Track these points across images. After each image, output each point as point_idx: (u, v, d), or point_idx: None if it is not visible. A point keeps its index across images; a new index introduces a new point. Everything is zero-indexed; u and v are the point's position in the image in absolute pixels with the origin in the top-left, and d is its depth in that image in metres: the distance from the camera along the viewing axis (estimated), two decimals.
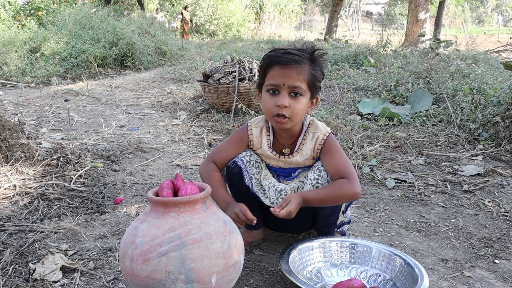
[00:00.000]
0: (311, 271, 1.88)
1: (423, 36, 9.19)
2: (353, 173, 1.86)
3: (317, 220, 2.07)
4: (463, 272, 1.98)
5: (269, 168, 2.06)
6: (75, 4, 13.85)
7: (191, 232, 1.43)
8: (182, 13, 20.63)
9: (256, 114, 4.60)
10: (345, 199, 1.86)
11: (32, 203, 2.57)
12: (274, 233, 2.32)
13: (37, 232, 2.25)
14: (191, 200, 1.48)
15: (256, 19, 25.99)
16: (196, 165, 3.49)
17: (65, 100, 6.06)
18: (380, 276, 1.86)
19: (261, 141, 2.01)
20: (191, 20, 21.01)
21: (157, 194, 1.56)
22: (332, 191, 1.83)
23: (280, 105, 1.78)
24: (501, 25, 31.70)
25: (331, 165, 1.88)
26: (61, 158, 3.26)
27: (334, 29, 16.95)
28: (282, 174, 2.05)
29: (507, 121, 3.88)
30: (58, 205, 2.58)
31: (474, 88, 4.89)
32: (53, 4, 14.31)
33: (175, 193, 1.57)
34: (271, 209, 1.75)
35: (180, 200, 1.47)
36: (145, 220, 1.50)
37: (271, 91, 1.83)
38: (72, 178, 2.95)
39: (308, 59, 1.81)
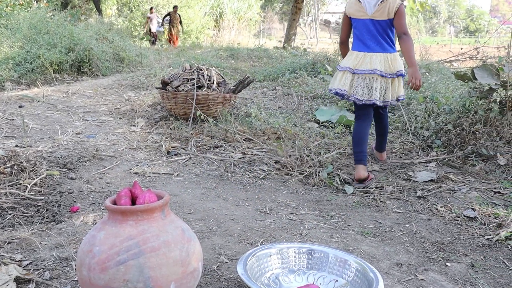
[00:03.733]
0: (269, 278, 1.90)
1: None
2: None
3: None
4: (416, 276, 2.04)
5: None
6: (30, 7, 13.51)
7: (149, 240, 1.43)
8: (169, 15, 17.63)
9: (215, 122, 4.62)
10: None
11: None
12: (232, 240, 2.33)
13: None
14: (149, 208, 1.49)
15: (215, 26, 25.93)
16: (154, 173, 3.47)
17: (20, 106, 5.90)
18: (337, 281, 1.90)
19: None
20: (180, 23, 17.87)
21: (115, 203, 1.55)
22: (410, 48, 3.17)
23: None
24: (453, 35, 32.80)
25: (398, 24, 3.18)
26: (15, 166, 3.19)
27: (293, 37, 17.08)
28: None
29: (458, 128, 4.02)
30: (12, 214, 2.51)
31: (427, 97, 5.05)
32: (7, 7, 13.92)
33: (133, 201, 1.57)
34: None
35: (138, 209, 1.47)
36: (102, 228, 1.49)
37: None
38: (27, 186, 2.88)
39: None
